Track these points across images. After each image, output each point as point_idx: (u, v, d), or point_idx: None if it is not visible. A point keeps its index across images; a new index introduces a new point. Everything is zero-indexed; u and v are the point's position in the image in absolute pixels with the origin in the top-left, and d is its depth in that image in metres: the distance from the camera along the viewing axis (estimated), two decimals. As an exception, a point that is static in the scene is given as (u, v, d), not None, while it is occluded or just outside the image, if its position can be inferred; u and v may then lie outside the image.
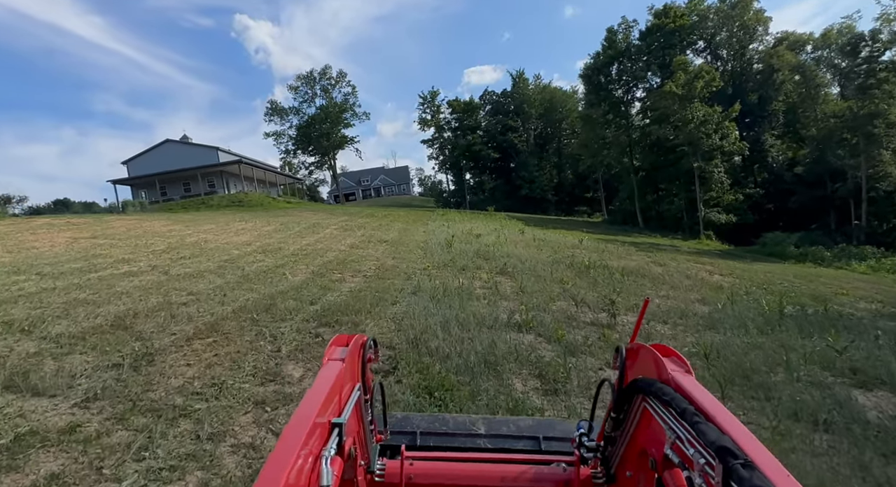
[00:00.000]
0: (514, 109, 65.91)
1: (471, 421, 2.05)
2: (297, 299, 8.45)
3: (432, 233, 20.56)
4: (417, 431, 1.95)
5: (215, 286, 9.37)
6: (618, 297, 9.95)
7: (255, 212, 32.60)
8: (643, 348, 1.34)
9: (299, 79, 69.18)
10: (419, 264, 13.56)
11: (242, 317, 6.90)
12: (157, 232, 18.77)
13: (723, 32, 44.32)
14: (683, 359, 1.25)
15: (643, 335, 7.71)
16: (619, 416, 1.40)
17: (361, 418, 1.45)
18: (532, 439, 1.91)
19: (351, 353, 1.39)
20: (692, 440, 0.94)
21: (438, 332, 6.49)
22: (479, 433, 1.96)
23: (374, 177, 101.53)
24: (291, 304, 7.95)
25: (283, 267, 12.29)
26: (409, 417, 2.17)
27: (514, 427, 1.99)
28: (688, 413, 0.97)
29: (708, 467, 0.85)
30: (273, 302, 7.95)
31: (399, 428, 1.95)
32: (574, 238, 22.88)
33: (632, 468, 1.34)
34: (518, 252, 15.82)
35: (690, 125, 37.18)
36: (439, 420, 2.08)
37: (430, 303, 8.50)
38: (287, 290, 9.26)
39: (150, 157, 43.43)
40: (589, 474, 1.53)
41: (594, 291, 11.06)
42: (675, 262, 16.53)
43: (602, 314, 9.14)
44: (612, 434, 1.44)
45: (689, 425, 0.95)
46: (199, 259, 12.98)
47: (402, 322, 7.17)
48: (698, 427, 0.91)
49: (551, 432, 1.95)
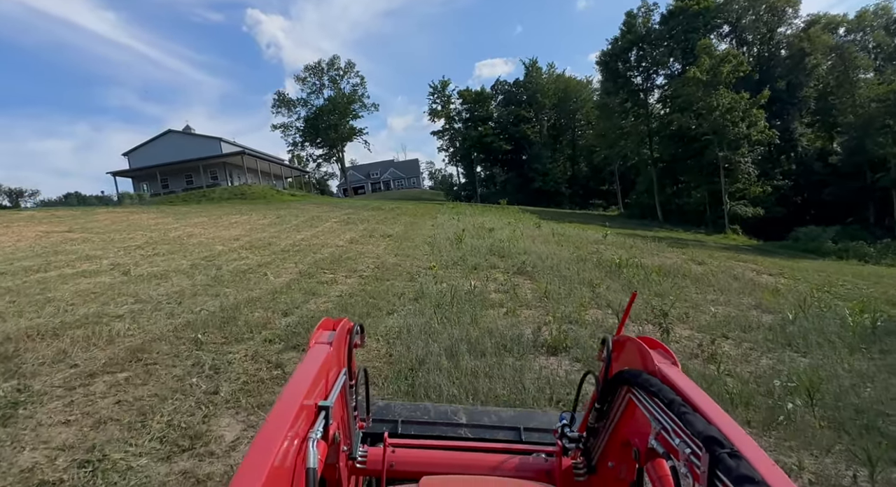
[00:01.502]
0: (527, 100, 63.66)
1: (452, 411, 2.02)
2: (269, 308, 6.80)
3: (441, 226, 18.84)
4: (399, 419, 1.92)
5: (175, 290, 7.74)
6: (661, 303, 8.22)
7: (257, 204, 31.09)
8: (629, 340, 1.34)
9: (307, 69, 67.78)
10: (425, 262, 11.88)
11: (185, 337, 5.25)
12: (142, 225, 17.27)
13: (749, 15, 41.81)
14: (669, 351, 1.25)
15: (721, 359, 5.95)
16: (603, 407, 1.38)
17: (346, 403, 1.44)
18: (513, 429, 1.89)
19: (338, 338, 1.37)
20: (678, 430, 0.94)
21: (443, 361, 4.79)
22: (460, 422, 1.94)
23: (383, 170, 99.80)
24: (259, 316, 6.30)
25: (267, 265, 10.67)
26: (391, 405, 2.10)
27: (496, 418, 1.97)
28: (675, 404, 0.97)
29: (694, 457, 0.85)
30: (235, 314, 6.31)
31: (380, 416, 1.92)
32: (595, 232, 21.05)
33: (614, 458, 1.34)
34: (536, 248, 14.07)
35: (715, 113, 34.96)
36: (420, 409, 2.05)
37: (434, 315, 6.81)
38: (261, 296, 7.62)
39: (152, 148, 41.98)
40: (570, 464, 1.52)
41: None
42: (714, 260, 14.66)
43: (648, 326, 7.41)
44: (595, 425, 1.43)
45: (676, 415, 0.95)
46: (173, 256, 11.40)
47: (395, 343, 5.48)
48: (685, 418, 0.91)
49: (532, 423, 1.93)
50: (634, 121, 46.19)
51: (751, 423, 4.47)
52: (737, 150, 35.60)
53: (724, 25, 42.62)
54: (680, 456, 0.89)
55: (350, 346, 1.48)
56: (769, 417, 4.51)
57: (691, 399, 0.99)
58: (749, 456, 0.77)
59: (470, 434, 1.89)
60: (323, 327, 1.43)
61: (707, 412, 0.94)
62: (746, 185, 37.13)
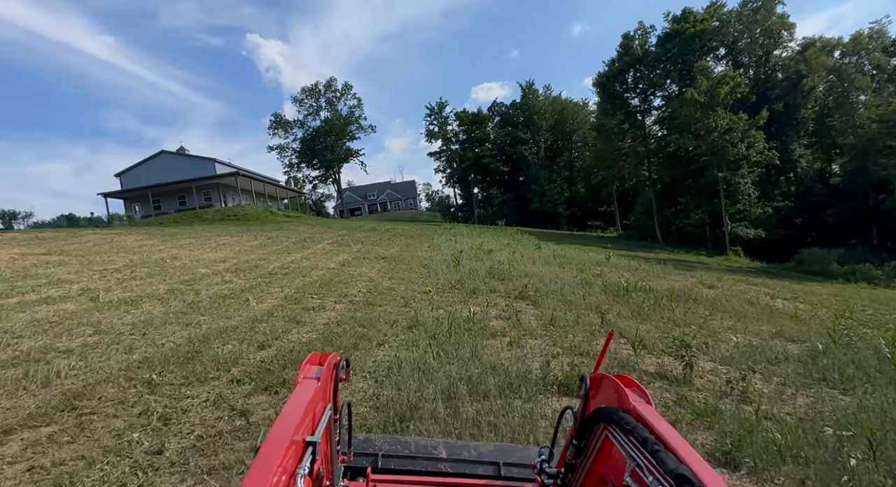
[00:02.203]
0: (524, 121, 63.70)
1: (432, 445, 2.01)
2: (244, 339, 6.06)
3: (438, 248, 18.17)
4: (379, 453, 1.91)
5: (143, 319, 7.00)
6: (678, 331, 7.52)
7: (249, 226, 30.41)
8: (606, 378, 1.34)
9: (304, 91, 67.98)
10: (420, 286, 11.18)
11: (138, 377, 4.51)
12: (126, 247, 16.53)
13: (744, 38, 42.00)
14: (644, 390, 1.26)
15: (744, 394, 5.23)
16: (581, 444, 1.40)
17: (330, 438, 1.44)
18: (493, 464, 1.88)
19: (325, 373, 1.37)
20: (651, 468, 0.95)
21: (439, 408, 4.05)
22: (440, 457, 1.93)
23: (380, 191, 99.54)
24: (230, 350, 5.56)
25: (251, 290, 9.93)
26: (371, 439, 2.08)
27: (476, 453, 1.97)
28: (649, 442, 0.97)
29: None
30: (204, 347, 5.57)
31: (361, 450, 1.92)
32: (596, 254, 20.40)
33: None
34: (538, 271, 13.38)
35: (714, 134, 34.72)
36: (401, 443, 2.04)
37: (429, 347, 6.08)
38: (238, 325, 6.88)
39: (145, 169, 41.38)
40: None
41: (644, 322, 8.61)
42: (724, 283, 13.98)
43: (666, 358, 6.72)
44: (573, 461, 1.44)
45: (650, 453, 0.95)
46: (151, 280, 10.66)
47: (384, 382, 4.74)
48: (658, 456, 0.92)
49: (511, 458, 1.92)
50: (632, 142, 46.03)
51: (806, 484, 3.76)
52: (736, 171, 35.26)
53: (721, 48, 42.76)
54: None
55: (336, 381, 1.48)
56: (829, 475, 3.79)
57: (664, 437, 1.00)
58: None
59: (450, 468, 1.89)
60: (311, 362, 1.43)
61: (678, 450, 0.95)
62: (747, 206, 36.69)
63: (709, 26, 40.73)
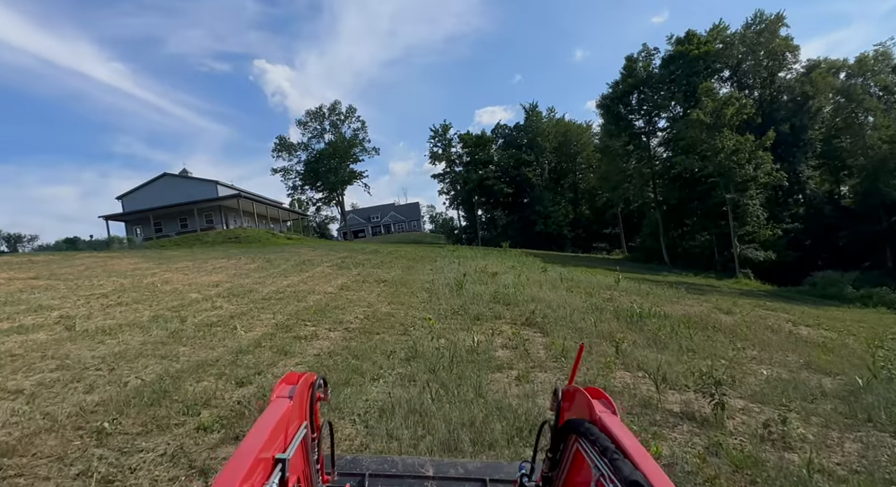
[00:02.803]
0: (528, 143, 63.65)
1: (419, 463, 2.03)
2: (223, 375, 5.46)
3: (440, 271, 17.58)
4: (366, 473, 1.90)
5: (117, 351, 6.42)
6: (701, 362, 6.88)
7: (250, 248, 29.95)
8: (578, 390, 1.36)
9: (309, 114, 68.31)
10: (421, 311, 10.58)
11: (88, 426, 3.91)
12: (118, 271, 16.03)
13: (748, 60, 41.95)
14: (610, 401, 1.27)
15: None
16: (556, 456, 1.41)
17: (307, 456, 1.43)
18: (479, 481, 1.90)
19: (300, 391, 1.37)
20: (612, 476, 0.96)
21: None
22: (427, 475, 1.94)
23: (383, 213, 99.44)
24: (204, 388, 4.96)
25: (241, 316, 9.35)
26: (359, 459, 2.09)
27: (462, 470, 1.97)
28: (609, 451, 1.00)
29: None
30: (175, 385, 4.97)
31: (348, 470, 1.92)
32: (604, 277, 19.75)
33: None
34: (545, 295, 12.75)
35: (721, 155, 34.32)
36: (388, 462, 2.05)
37: (428, 384, 5.46)
38: (220, 357, 6.28)
39: (147, 192, 41.20)
40: None
41: (662, 352, 7.96)
42: (741, 308, 13.31)
43: (690, 394, 6.07)
44: (550, 474, 1.45)
45: (609, 462, 0.98)
46: (137, 306, 10.10)
47: (375, 429, 4.12)
48: (616, 464, 0.94)
49: (497, 474, 1.93)
50: (637, 163, 45.71)
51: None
52: (745, 192, 34.72)
53: (725, 70, 42.69)
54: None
55: (312, 400, 1.47)
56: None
57: (624, 446, 1.02)
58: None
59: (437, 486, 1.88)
60: (286, 381, 1.40)
61: (635, 458, 0.97)
62: (756, 228, 36.03)
63: (712, 48, 40.72)
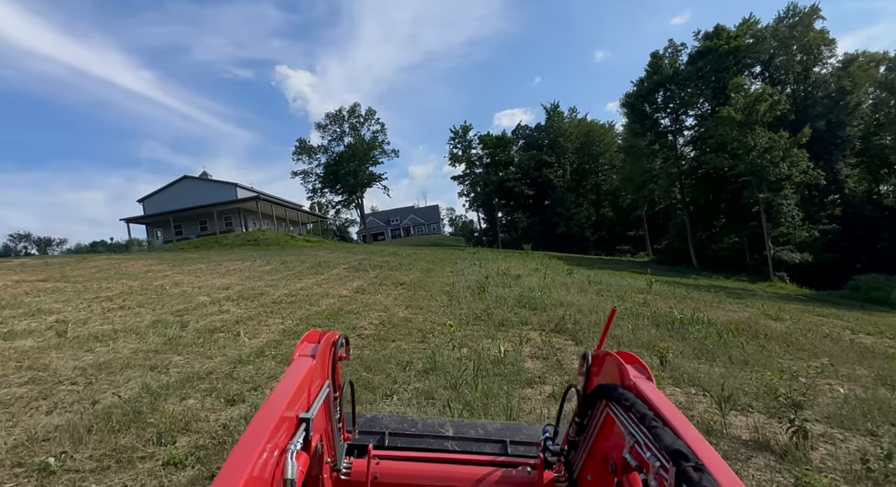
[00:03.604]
0: (549, 144, 62.48)
1: (439, 424, 2.00)
2: (212, 391, 4.76)
3: (461, 273, 16.78)
4: (386, 431, 1.90)
5: (104, 360, 5.77)
6: (757, 375, 6.00)
7: (267, 250, 29.56)
8: (609, 355, 1.34)
9: (328, 117, 68.32)
10: (441, 316, 9.81)
11: (33, 459, 3.20)
12: (130, 273, 15.61)
13: (781, 55, 40.26)
14: (645, 366, 1.25)
15: None
16: (583, 421, 1.39)
17: (329, 415, 1.43)
18: (499, 442, 1.86)
19: (322, 350, 1.37)
20: (649, 444, 0.94)
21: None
22: (447, 435, 1.92)
23: (403, 216, 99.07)
24: (187, 407, 4.25)
25: (247, 321, 8.69)
26: (378, 417, 2.08)
27: (482, 431, 1.95)
28: (647, 418, 0.97)
29: (662, 470, 0.85)
30: (153, 404, 4.26)
31: (368, 428, 1.91)
32: (633, 280, 18.73)
33: (593, 472, 1.33)
34: (574, 299, 11.85)
35: (753, 153, 32.83)
36: (408, 421, 2.02)
37: (448, 404, 4.67)
38: (215, 369, 5.59)
39: (168, 195, 41.28)
40: (552, 477, 1.51)
41: (711, 364, 7.06)
42: (789, 314, 12.22)
43: (757, 416, 5.18)
44: (576, 438, 1.43)
45: (647, 429, 0.95)
46: (141, 309, 9.52)
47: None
48: (655, 432, 0.91)
49: (518, 436, 1.90)
50: (663, 163, 44.25)
51: None
52: (779, 192, 33.13)
53: (756, 65, 41.05)
54: (650, 469, 0.88)
55: (334, 359, 1.46)
56: None
57: (662, 413, 1.00)
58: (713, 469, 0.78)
59: (457, 447, 1.86)
60: (308, 340, 1.41)
61: (676, 426, 0.95)
62: (790, 229, 34.38)
63: (743, 43, 39.16)
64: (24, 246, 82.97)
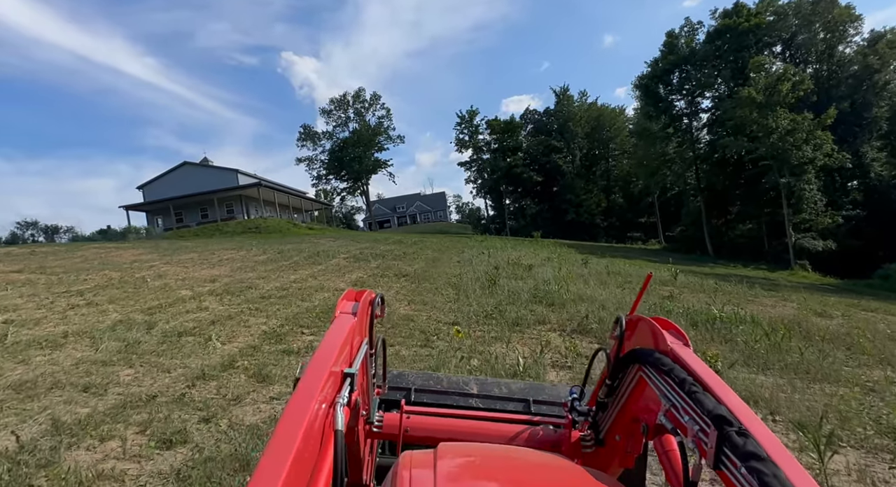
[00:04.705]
0: (558, 128, 60.79)
1: (463, 381, 2.04)
2: (149, 425, 3.67)
3: (469, 263, 15.64)
4: (412, 388, 1.94)
5: (27, 378, 4.71)
6: (822, 387, 4.88)
7: (269, 238, 28.52)
8: (643, 320, 1.35)
9: (333, 102, 66.91)
10: (447, 313, 8.71)
11: None
12: (115, 263, 14.60)
13: (803, 33, 38.35)
14: (682, 332, 1.25)
15: None
16: (614, 384, 1.40)
17: (366, 371, 1.47)
18: (522, 401, 1.91)
19: (361, 308, 1.39)
20: (687, 408, 0.95)
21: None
22: (471, 392, 1.96)
23: (409, 203, 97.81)
24: (94, 459, 3.14)
25: (226, 321, 7.61)
26: (405, 374, 2.08)
27: (506, 389, 1.99)
28: (686, 383, 0.98)
29: (702, 433, 0.86)
30: (48, 456, 3.16)
31: (394, 384, 1.95)
32: (653, 269, 17.51)
33: (622, 432, 1.37)
34: (594, 293, 10.69)
35: (774, 135, 31.26)
36: (433, 378, 2.05)
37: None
38: (166, 389, 4.51)
39: (167, 181, 40.21)
40: (578, 437, 1.54)
41: (767, 373, 5.93)
42: (835, 308, 11.01)
43: (853, 454, 4.04)
44: (605, 400, 1.45)
45: (687, 394, 0.96)
46: (109, 306, 8.47)
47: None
48: (695, 397, 0.92)
49: (542, 395, 1.94)
50: (678, 147, 42.64)
51: None
52: (801, 176, 31.60)
53: (777, 44, 39.17)
54: (688, 433, 0.90)
55: (371, 317, 1.50)
56: None
57: (702, 379, 1.01)
58: (757, 435, 0.78)
59: (481, 404, 1.90)
60: (347, 297, 1.44)
61: (717, 391, 0.95)
62: (813, 216, 32.87)
63: (763, 20, 37.26)
64: (31, 233, 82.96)
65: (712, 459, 0.80)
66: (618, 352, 1.40)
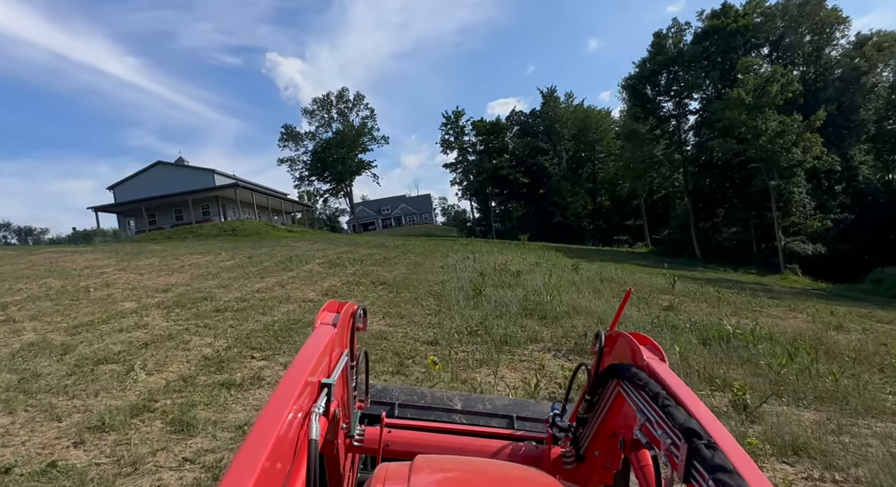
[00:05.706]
0: (545, 130, 60.04)
1: (448, 397, 2.02)
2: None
3: (453, 269, 14.55)
4: (396, 402, 1.91)
5: None
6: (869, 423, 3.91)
7: (245, 241, 27.14)
8: (621, 335, 1.36)
9: (316, 102, 65.57)
10: (426, 329, 7.66)
11: None
12: (63, 269, 13.27)
13: (790, 35, 38.06)
14: (658, 347, 1.26)
15: None
16: (593, 399, 1.41)
17: (346, 383, 1.45)
18: (506, 417, 1.89)
19: (342, 320, 1.39)
20: (661, 422, 0.95)
21: None
22: (454, 408, 1.94)
23: (394, 205, 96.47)
24: None
25: (163, 342, 6.45)
26: (388, 388, 2.06)
27: (490, 405, 1.96)
28: (660, 397, 0.98)
29: (673, 447, 0.86)
30: None
31: (378, 398, 1.92)
32: (649, 276, 16.65)
33: (601, 448, 1.37)
34: (589, 304, 9.68)
35: (763, 137, 30.76)
36: (417, 393, 2.04)
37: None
38: (38, 451, 3.37)
39: (140, 181, 38.44)
40: (559, 453, 1.55)
41: (799, 406, 4.98)
42: (850, 321, 10.15)
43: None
44: (585, 415, 1.46)
45: (660, 408, 0.96)
46: (29, 324, 7.25)
47: None
48: (668, 410, 0.92)
49: (525, 412, 1.92)
50: (666, 149, 42.10)
51: None
52: (790, 179, 31.13)
53: (765, 46, 38.83)
54: (661, 447, 0.90)
55: (353, 328, 1.48)
56: None
57: (675, 392, 1.00)
58: (725, 447, 0.79)
59: (464, 419, 1.88)
60: (328, 309, 1.42)
61: (688, 405, 0.95)
62: (802, 219, 32.44)
63: (751, 22, 36.88)
64: (3, 235, 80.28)
65: (682, 472, 0.79)
66: (597, 368, 1.39)
